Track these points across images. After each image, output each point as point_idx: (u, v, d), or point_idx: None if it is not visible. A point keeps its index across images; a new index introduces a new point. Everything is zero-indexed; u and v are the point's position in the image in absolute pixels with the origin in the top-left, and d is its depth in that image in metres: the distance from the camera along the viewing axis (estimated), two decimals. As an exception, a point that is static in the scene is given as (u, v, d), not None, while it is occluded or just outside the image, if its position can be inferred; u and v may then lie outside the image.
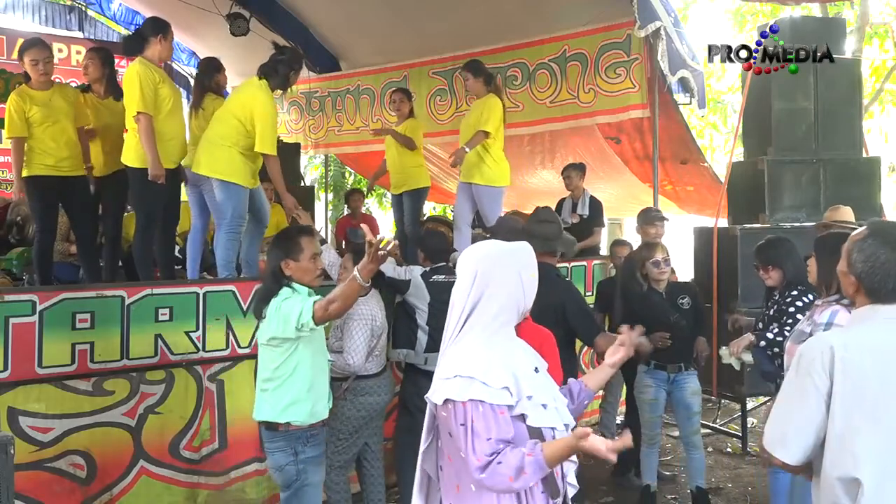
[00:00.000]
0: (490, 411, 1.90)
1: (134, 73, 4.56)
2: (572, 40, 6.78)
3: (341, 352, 3.98)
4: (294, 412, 3.19)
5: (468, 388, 1.91)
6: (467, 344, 1.99)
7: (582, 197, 6.77)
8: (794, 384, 1.97)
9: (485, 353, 1.96)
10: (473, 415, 1.89)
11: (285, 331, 3.12)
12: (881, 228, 2.03)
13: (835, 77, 5.78)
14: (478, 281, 2.01)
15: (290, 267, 3.22)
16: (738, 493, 5.19)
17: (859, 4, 11.46)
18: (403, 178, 6.47)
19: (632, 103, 6.40)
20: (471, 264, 2.05)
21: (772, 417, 2.03)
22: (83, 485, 3.84)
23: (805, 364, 1.94)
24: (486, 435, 1.88)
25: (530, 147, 8.31)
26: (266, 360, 3.25)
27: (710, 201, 7.65)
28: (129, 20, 10.01)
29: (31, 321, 3.72)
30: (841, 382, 1.87)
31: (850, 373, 1.87)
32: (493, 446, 1.88)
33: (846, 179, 5.79)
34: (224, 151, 4.64)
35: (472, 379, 1.91)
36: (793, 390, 1.97)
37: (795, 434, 1.93)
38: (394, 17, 7.80)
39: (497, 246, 2.10)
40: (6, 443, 2.55)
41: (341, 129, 9.03)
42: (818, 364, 1.90)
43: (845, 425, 1.86)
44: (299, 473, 3.22)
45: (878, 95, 12.41)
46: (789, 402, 1.97)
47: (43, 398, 3.75)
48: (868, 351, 1.90)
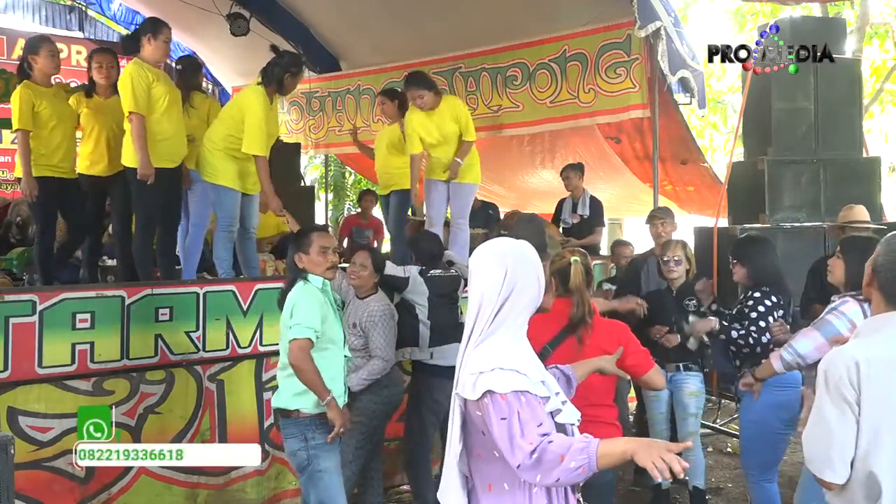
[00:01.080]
0: (535, 401, 1.89)
1: (126, 74, 4.57)
2: (572, 40, 6.77)
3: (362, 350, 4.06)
4: (303, 400, 3.32)
5: (511, 380, 1.88)
6: (497, 340, 1.97)
7: (582, 197, 6.77)
8: (828, 402, 1.98)
9: (517, 349, 1.97)
10: (518, 406, 1.86)
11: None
12: None
13: (835, 77, 5.78)
14: (508, 278, 1.98)
15: (302, 260, 3.43)
16: (739, 493, 5.19)
17: (859, 4, 11.47)
18: (390, 179, 6.37)
19: (632, 103, 6.40)
20: (499, 261, 2.01)
21: (811, 437, 2.03)
22: (82, 484, 3.84)
23: (834, 381, 1.96)
24: (535, 422, 1.85)
25: (530, 147, 8.31)
26: (284, 348, 3.39)
27: (710, 201, 7.65)
28: (129, 20, 10.01)
29: (31, 321, 3.73)
30: (867, 397, 1.90)
31: (876, 388, 1.90)
32: (544, 430, 1.86)
33: (846, 179, 5.78)
34: (212, 154, 4.83)
35: (514, 371, 1.90)
36: (829, 409, 1.97)
37: (841, 454, 1.94)
38: (394, 17, 7.80)
39: (520, 244, 2.08)
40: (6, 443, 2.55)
41: (342, 129, 9.02)
42: (846, 380, 1.93)
43: (870, 439, 1.89)
44: (310, 459, 3.34)
45: (878, 95, 12.42)
46: (827, 421, 1.97)
47: (43, 398, 3.75)
48: (891, 365, 1.92)
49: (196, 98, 5.29)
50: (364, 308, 4.18)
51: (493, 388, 1.87)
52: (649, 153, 7.00)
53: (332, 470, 3.38)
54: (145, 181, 4.56)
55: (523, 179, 9.06)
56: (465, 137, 5.66)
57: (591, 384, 3.08)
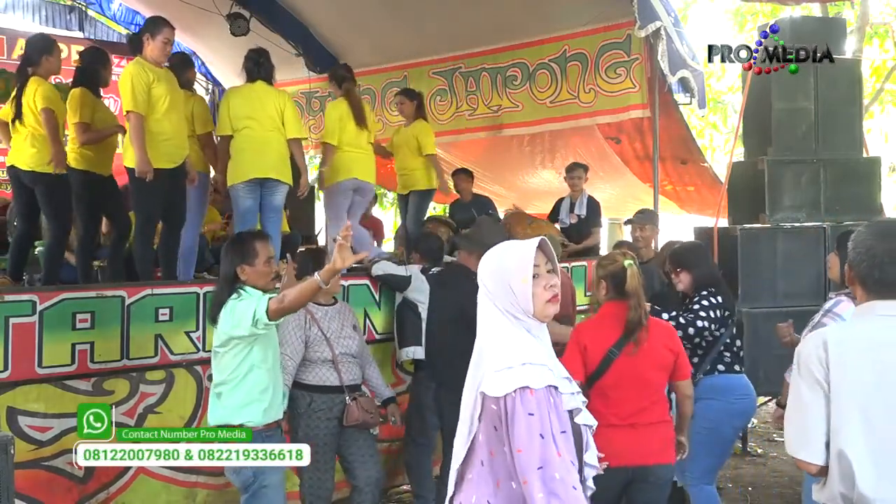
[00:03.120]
0: (559, 404, 1.88)
1: (126, 74, 4.57)
2: (572, 40, 6.78)
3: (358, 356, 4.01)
4: (248, 413, 3.18)
5: (541, 374, 1.87)
6: (513, 337, 1.96)
7: (580, 197, 6.78)
8: (800, 384, 2.01)
9: (530, 346, 1.94)
10: (548, 406, 1.84)
11: (240, 329, 3.11)
12: (877, 223, 2.12)
13: (835, 77, 5.77)
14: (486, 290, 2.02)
15: (245, 272, 3.23)
16: (738, 493, 5.19)
17: (859, 4, 11.47)
18: (411, 179, 6.46)
19: (632, 103, 6.40)
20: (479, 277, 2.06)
21: (788, 419, 2.06)
22: (80, 483, 3.84)
23: (804, 362, 1.99)
24: (561, 428, 1.85)
25: (530, 147, 8.31)
26: (220, 365, 3.25)
27: (710, 201, 7.65)
28: (129, 20, 10.00)
29: (31, 321, 3.72)
30: (836, 376, 1.92)
31: (845, 367, 1.92)
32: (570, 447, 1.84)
33: (846, 179, 5.78)
34: None
35: (544, 366, 1.89)
36: (802, 390, 2.00)
37: (815, 433, 1.95)
38: (394, 17, 7.79)
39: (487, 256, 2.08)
40: (6, 443, 2.55)
41: (342, 129, 9.02)
42: (815, 360, 1.96)
43: (840, 418, 1.91)
44: (256, 475, 3.19)
45: (878, 95, 12.42)
46: (800, 402, 2.00)
47: (42, 398, 3.75)
48: (861, 345, 1.95)
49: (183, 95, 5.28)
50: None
51: (528, 384, 1.85)
52: (649, 153, 7.00)
53: (277, 485, 3.27)
54: (144, 180, 4.54)
55: (523, 179, 9.06)
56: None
57: (649, 383, 3.15)
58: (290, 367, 3.77)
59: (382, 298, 4.96)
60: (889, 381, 1.90)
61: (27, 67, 4.85)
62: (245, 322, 3.08)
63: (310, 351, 3.81)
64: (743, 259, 5.42)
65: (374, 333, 4.93)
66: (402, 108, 6.48)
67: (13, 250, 5.10)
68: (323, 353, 3.83)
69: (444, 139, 8.14)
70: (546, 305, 1.98)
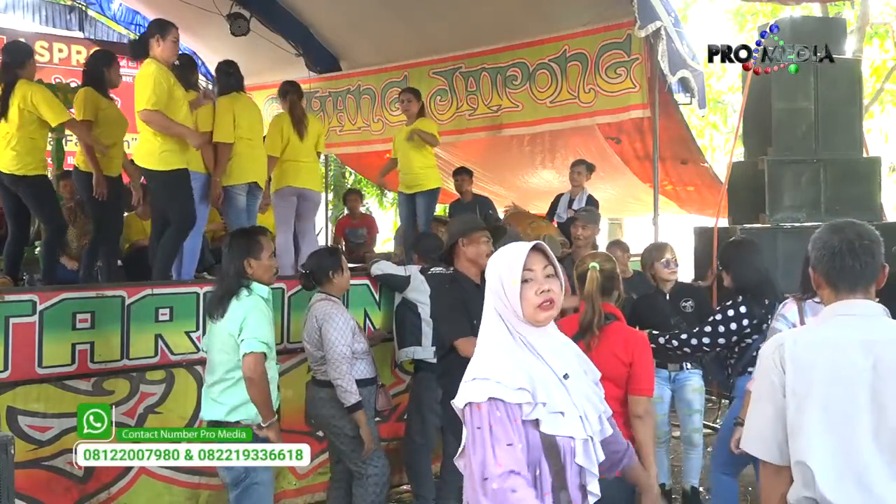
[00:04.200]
0: (506, 416, 1.86)
1: (149, 72, 4.51)
2: (572, 40, 6.77)
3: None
4: (244, 411, 3.23)
5: (485, 388, 1.88)
6: (486, 348, 1.98)
7: (580, 194, 6.78)
8: (757, 384, 2.05)
9: (501, 356, 1.93)
10: (491, 418, 1.85)
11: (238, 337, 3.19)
12: (832, 222, 2.11)
13: (835, 77, 5.77)
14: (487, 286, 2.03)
15: (252, 265, 3.28)
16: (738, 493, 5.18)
17: (859, 4, 11.47)
18: (416, 179, 6.49)
19: (632, 103, 6.40)
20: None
21: (747, 419, 2.09)
22: (80, 483, 3.84)
23: (762, 363, 2.02)
24: (506, 440, 1.84)
25: (530, 147, 8.31)
26: (217, 363, 3.28)
27: (710, 201, 7.65)
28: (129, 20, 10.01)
29: (31, 321, 3.73)
30: (792, 376, 1.93)
31: (800, 366, 1.93)
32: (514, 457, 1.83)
33: (846, 179, 5.77)
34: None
35: (487, 380, 1.88)
36: (758, 390, 2.04)
37: (770, 432, 1.97)
38: (394, 17, 7.80)
39: (493, 255, 2.09)
40: (6, 443, 2.55)
41: (342, 129, 9.03)
42: (771, 361, 1.97)
43: (797, 417, 1.91)
44: (248, 471, 3.22)
45: (878, 95, 12.42)
46: (757, 402, 2.03)
47: (42, 398, 3.75)
48: (817, 345, 1.96)
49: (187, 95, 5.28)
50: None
51: (470, 399, 1.89)
52: (649, 153, 7.00)
53: (268, 482, 3.32)
54: (175, 181, 4.57)
55: (523, 179, 9.05)
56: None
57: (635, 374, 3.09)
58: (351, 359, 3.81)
59: (382, 298, 4.96)
60: (844, 382, 1.89)
61: (14, 70, 4.87)
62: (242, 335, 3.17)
63: (354, 343, 3.86)
64: (743, 259, 5.41)
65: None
66: (409, 107, 6.52)
67: (7, 252, 5.12)
68: (362, 345, 3.92)
69: (444, 139, 8.12)
70: (536, 311, 1.94)
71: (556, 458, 1.91)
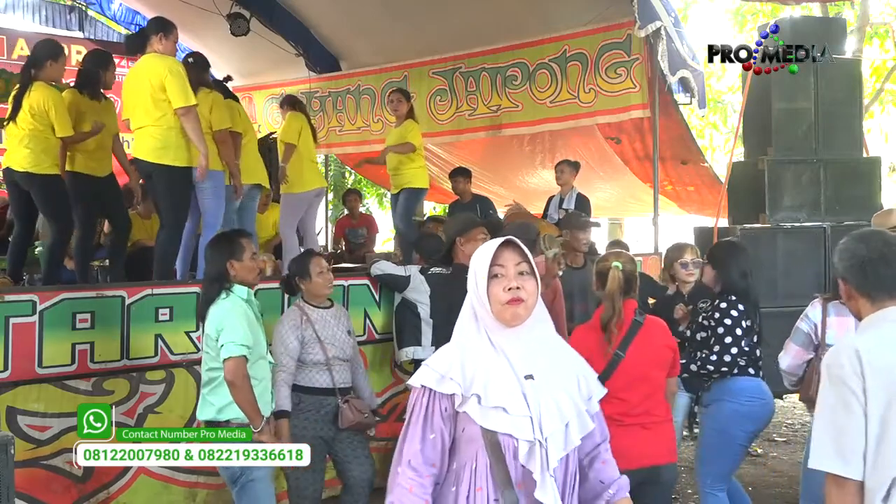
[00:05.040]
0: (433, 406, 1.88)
1: (177, 68, 4.49)
2: (572, 40, 6.78)
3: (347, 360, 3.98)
4: (234, 409, 3.23)
5: (420, 374, 1.90)
6: (452, 339, 1.99)
7: (570, 193, 6.77)
8: (832, 397, 1.93)
9: (450, 348, 1.94)
10: (416, 403, 1.89)
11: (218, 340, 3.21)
12: (857, 231, 2.10)
13: (835, 77, 5.77)
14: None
15: (234, 267, 3.28)
16: None
17: (859, 4, 11.47)
18: (401, 179, 6.47)
19: (632, 103, 6.41)
20: None
21: (817, 434, 1.97)
22: (79, 482, 3.84)
23: (836, 373, 1.91)
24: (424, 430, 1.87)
25: (530, 147, 8.32)
26: (206, 362, 3.30)
27: (710, 201, 7.65)
28: (129, 20, 10.01)
29: (31, 321, 3.72)
30: (872, 384, 1.86)
31: (879, 374, 1.87)
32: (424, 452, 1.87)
33: (846, 179, 5.78)
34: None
35: (426, 367, 1.91)
36: (834, 403, 1.92)
37: (853, 447, 1.87)
38: (394, 17, 7.80)
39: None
40: (6, 443, 2.55)
41: (342, 129, 9.04)
42: (849, 370, 1.89)
43: (881, 431, 1.84)
44: (243, 469, 3.21)
45: (878, 95, 12.42)
46: (834, 415, 1.92)
47: (42, 398, 3.75)
48: (890, 350, 1.90)
49: (200, 92, 5.25)
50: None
51: (409, 382, 1.94)
52: (649, 153, 7.01)
53: (265, 478, 3.30)
54: (187, 180, 4.57)
55: (523, 179, 9.06)
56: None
57: (652, 381, 3.16)
58: (289, 366, 3.76)
59: (382, 298, 4.96)
60: None
61: (31, 69, 4.83)
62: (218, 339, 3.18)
63: (303, 352, 3.79)
64: (743, 259, 5.41)
65: (374, 333, 4.92)
66: (398, 107, 6.47)
67: (11, 251, 5.10)
68: (316, 356, 3.81)
69: (444, 139, 8.15)
70: (503, 308, 1.87)
71: (497, 455, 1.85)
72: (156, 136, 4.51)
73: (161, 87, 4.44)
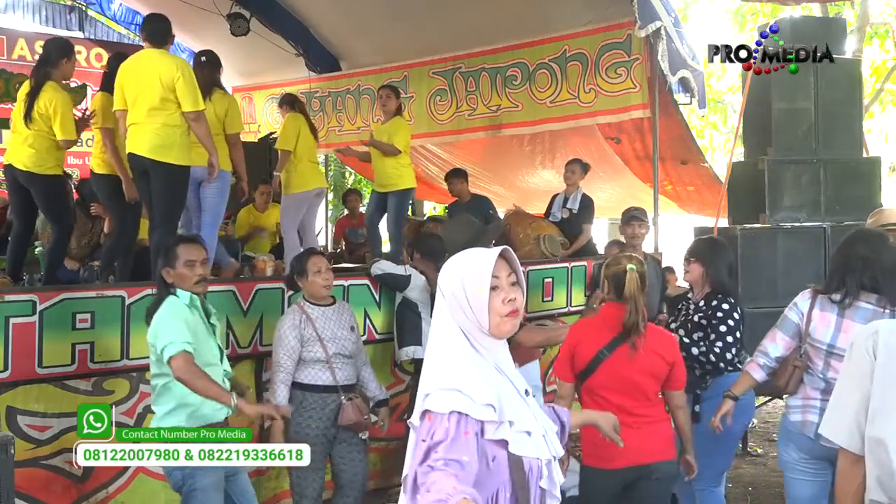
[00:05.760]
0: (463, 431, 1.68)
1: (190, 71, 4.47)
2: (572, 40, 6.78)
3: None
4: (176, 417, 3.21)
5: (451, 400, 1.70)
6: (447, 357, 1.80)
7: (574, 193, 6.78)
8: (845, 370, 2.06)
9: (467, 367, 1.77)
10: (443, 430, 1.68)
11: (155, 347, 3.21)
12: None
13: (835, 77, 5.77)
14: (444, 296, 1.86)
15: (170, 275, 3.30)
16: (738, 493, 5.19)
17: (859, 4, 11.47)
18: (389, 179, 6.40)
19: (633, 103, 6.41)
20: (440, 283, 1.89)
21: (830, 404, 2.10)
22: (79, 482, 3.84)
23: (854, 350, 2.02)
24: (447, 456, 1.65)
25: (530, 147, 8.31)
26: (151, 371, 3.33)
27: (710, 201, 7.65)
28: (129, 20, 10.01)
29: (31, 321, 3.72)
30: (882, 362, 1.92)
31: (892, 353, 1.92)
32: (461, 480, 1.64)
33: (846, 179, 5.77)
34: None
35: (455, 391, 1.71)
36: (844, 376, 2.05)
37: (854, 419, 1.96)
38: (394, 17, 7.80)
39: (450, 261, 1.90)
40: (6, 443, 2.55)
41: (342, 129, 9.04)
42: (862, 349, 1.97)
43: (881, 402, 1.90)
44: (185, 478, 3.20)
45: (878, 95, 12.41)
46: (842, 387, 2.05)
47: (42, 398, 3.75)
48: None
49: (215, 93, 5.24)
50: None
51: (430, 408, 1.72)
52: (649, 153, 7.00)
53: (209, 488, 3.22)
54: (187, 179, 4.55)
55: (523, 179, 9.06)
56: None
57: (638, 387, 3.18)
58: (288, 366, 3.77)
59: (382, 298, 4.96)
60: None
61: (46, 68, 4.82)
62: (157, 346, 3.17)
63: (304, 350, 3.80)
64: (743, 259, 5.41)
65: (374, 333, 4.93)
66: (387, 103, 6.42)
67: (11, 250, 5.09)
68: (316, 353, 3.82)
69: (444, 139, 8.15)
70: (503, 321, 1.80)
71: (521, 480, 1.78)
72: (159, 133, 4.44)
73: (171, 87, 4.39)
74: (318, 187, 6.07)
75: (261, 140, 8.94)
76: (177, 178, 4.54)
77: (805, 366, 3.22)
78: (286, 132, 5.85)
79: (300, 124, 5.87)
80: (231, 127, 5.20)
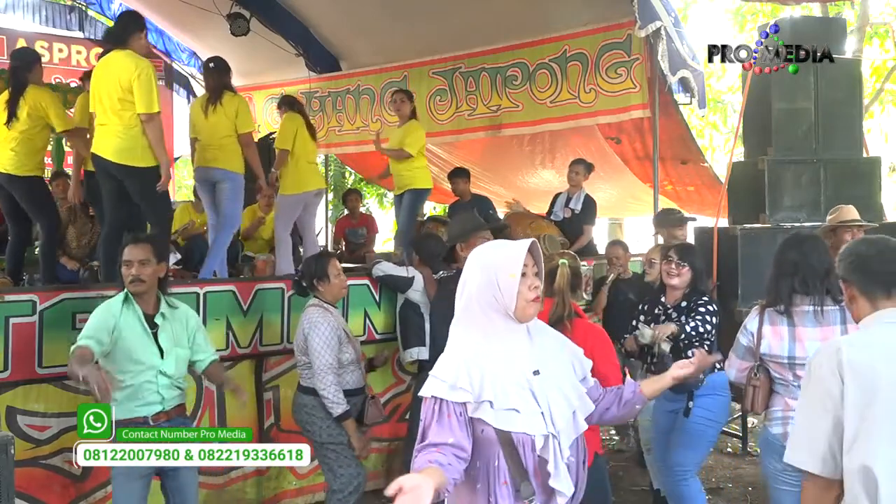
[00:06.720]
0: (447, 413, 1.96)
1: (148, 72, 4.39)
2: (572, 40, 6.78)
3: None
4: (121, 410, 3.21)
5: (431, 385, 1.99)
6: (451, 344, 2.07)
7: (577, 193, 6.79)
8: (809, 394, 1.98)
9: (454, 355, 2.03)
10: (430, 415, 1.97)
11: None
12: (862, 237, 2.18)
13: (835, 77, 5.77)
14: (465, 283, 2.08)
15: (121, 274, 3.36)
16: (738, 493, 5.19)
17: (859, 4, 11.47)
18: (403, 180, 6.50)
19: (633, 103, 6.40)
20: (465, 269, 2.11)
21: (794, 429, 2.04)
22: (78, 481, 3.84)
23: (815, 370, 1.96)
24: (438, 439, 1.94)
25: (530, 147, 8.31)
26: None
27: (710, 201, 7.65)
28: (129, 20, 9.99)
29: (31, 321, 3.73)
30: (851, 383, 1.87)
31: (859, 373, 1.88)
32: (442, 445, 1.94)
33: (846, 179, 5.77)
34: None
35: (436, 378, 2.00)
36: (810, 401, 1.97)
37: (823, 445, 1.90)
38: (394, 17, 7.80)
39: (479, 249, 2.13)
40: (6, 443, 2.55)
41: (342, 129, 9.04)
42: (826, 369, 1.91)
43: (860, 425, 1.85)
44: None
45: (878, 95, 12.41)
46: (808, 411, 1.97)
47: (42, 398, 3.76)
48: (874, 351, 1.92)
49: (225, 96, 5.23)
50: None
51: (422, 394, 2.02)
52: (649, 153, 7.00)
53: (123, 472, 3.23)
54: (157, 180, 4.51)
55: (523, 179, 9.06)
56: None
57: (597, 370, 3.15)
58: (336, 367, 3.75)
59: (382, 299, 4.96)
60: None
61: (23, 73, 4.88)
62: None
63: (340, 353, 3.80)
64: (743, 259, 5.41)
65: (374, 333, 4.93)
66: (401, 107, 6.51)
67: (10, 251, 5.14)
68: (350, 354, 3.85)
69: (444, 139, 8.14)
70: (528, 304, 2.03)
71: (510, 452, 1.98)
72: (121, 136, 4.40)
73: (129, 88, 4.33)
74: (317, 188, 6.07)
75: (261, 140, 8.92)
76: (149, 179, 4.48)
77: (766, 383, 3.27)
78: (284, 132, 5.85)
79: (298, 124, 5.85)
80: (242, 126, 5.18)
